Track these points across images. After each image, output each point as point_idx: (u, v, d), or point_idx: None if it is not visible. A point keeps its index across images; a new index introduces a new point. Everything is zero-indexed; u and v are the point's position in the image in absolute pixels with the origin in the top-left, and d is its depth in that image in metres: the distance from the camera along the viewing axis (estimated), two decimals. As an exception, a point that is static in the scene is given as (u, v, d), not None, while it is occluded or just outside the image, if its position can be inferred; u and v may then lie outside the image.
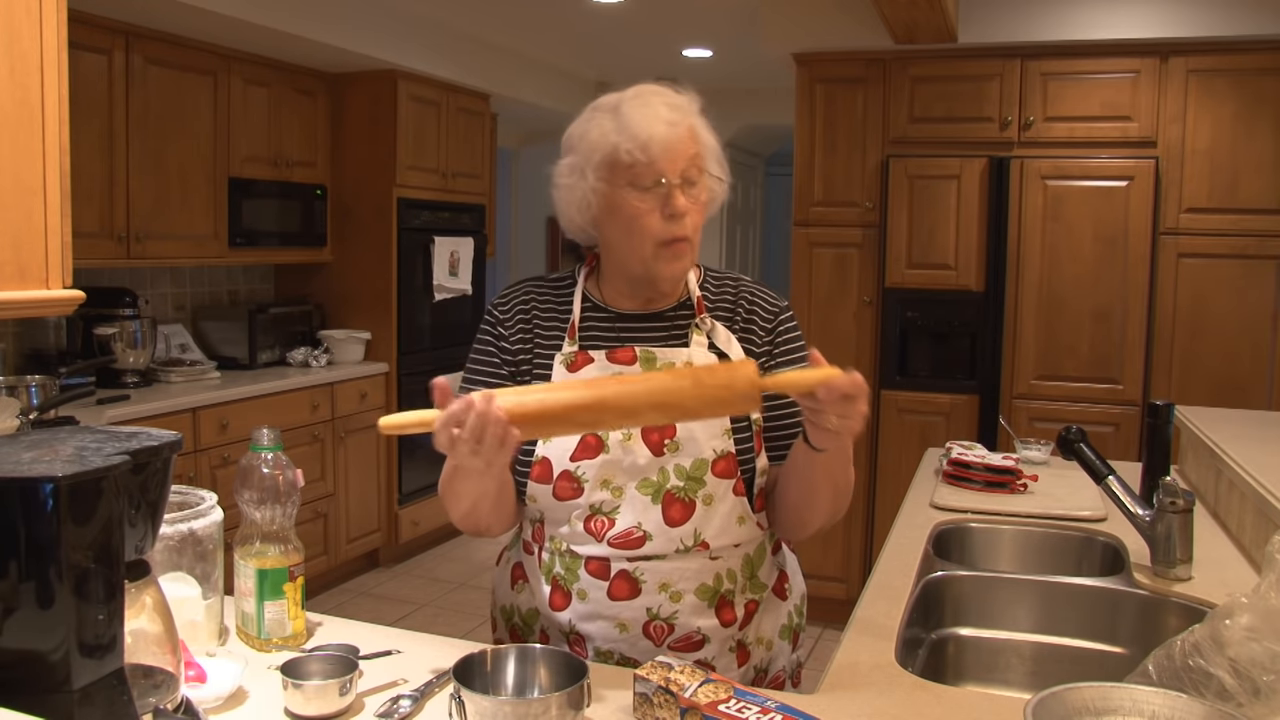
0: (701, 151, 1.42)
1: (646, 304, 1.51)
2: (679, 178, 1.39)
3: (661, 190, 1.38)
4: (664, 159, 1.37)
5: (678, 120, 1.39)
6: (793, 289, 4.34)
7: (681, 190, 1.39)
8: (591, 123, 1.42)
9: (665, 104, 1.40)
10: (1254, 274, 3.82)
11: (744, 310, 1.52)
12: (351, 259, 4.98)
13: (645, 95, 1.42)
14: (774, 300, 1.56)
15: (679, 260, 1.43)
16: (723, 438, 1.43)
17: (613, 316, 1.51)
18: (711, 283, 1.55)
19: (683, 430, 1.42)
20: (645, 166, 1.37)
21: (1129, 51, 3.89)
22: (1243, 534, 2.02)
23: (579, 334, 1.49)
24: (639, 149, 1.36)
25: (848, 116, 4.23)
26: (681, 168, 1.39)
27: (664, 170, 1.38)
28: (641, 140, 1.36)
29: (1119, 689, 1.14)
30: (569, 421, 1.25)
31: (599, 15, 4.91)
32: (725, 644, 1.46)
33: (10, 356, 3.71)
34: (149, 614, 1.14)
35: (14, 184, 1.25)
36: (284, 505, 1.44)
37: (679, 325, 1.50)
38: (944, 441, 2.88)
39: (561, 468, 1.43)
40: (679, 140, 1.38)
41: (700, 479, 1.42)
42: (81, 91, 3.52)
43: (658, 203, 1.39)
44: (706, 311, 1.51)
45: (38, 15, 1.27)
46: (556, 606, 1.46)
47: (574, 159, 1.43)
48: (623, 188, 1.39)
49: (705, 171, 1.43)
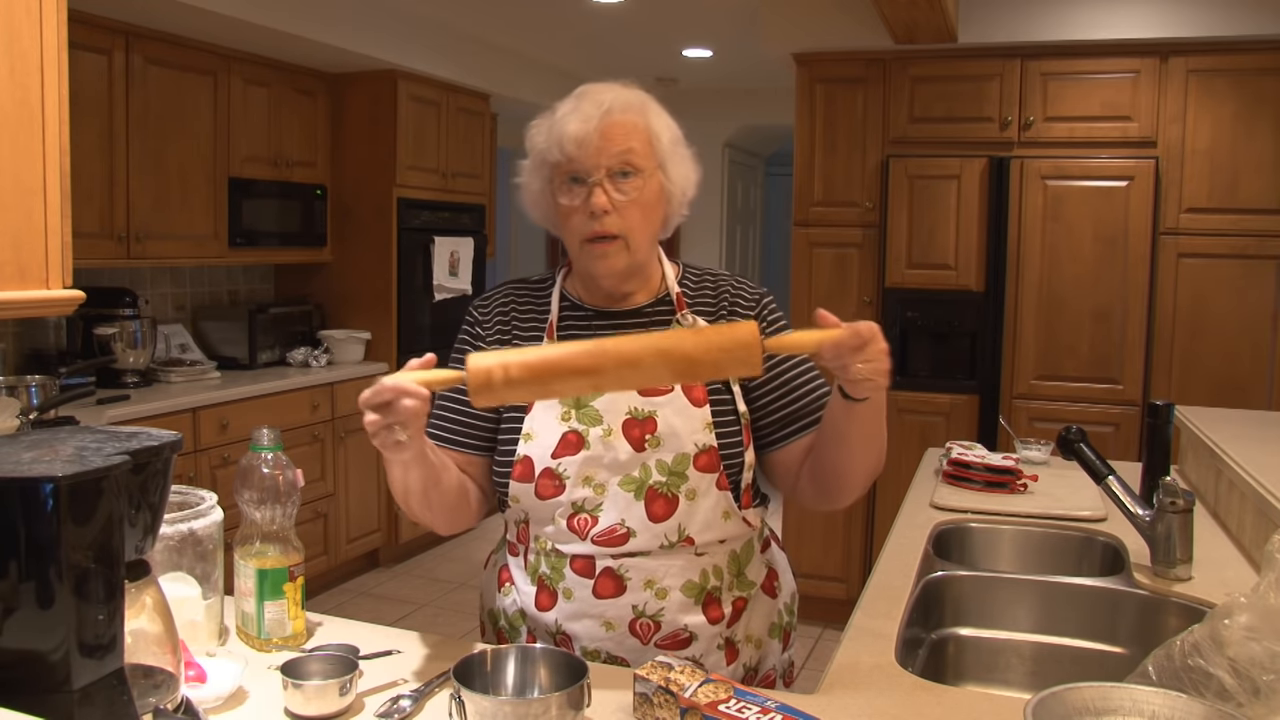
0: (642, 146, 1.41)
1: (620, 300, 1.52)
2: (602, 173, 1.39)
3: (584, 188, 1.40)
4: (581, 155, 1.39)
5: (597, 114, 1.39)
6: (793, 289, 4.34)
7: (607, 186, 1.39)
8: (536, 125, 1.46)
9: (592, 101, 1.41)
10: (1254, 274, 3.82)
11: (726, 303, 1.53)
12: (351, 259, 4.99)
13: (581, 93, 1.44)
14: (753, 289, 1.56)
15: (605, 259, 1.43)
16: (704, 432, 1.43)
17: (590, 314, 1.52)
18: (691, 279, 1.56)
19: (664, 425, 1.42)
20: (566, 164, 1.40)
21: (1129, 51, 3.89)
22: (1243, 534, 2.02)
23: (556, 333, 1.51)
24: (557, 147, 1.40)
25: (848, 116, 4.23)
26: (607, 163, 1.39)
27: (583, 167, 1.39)
28: (558, 138, 1.40)
29: (1119, 689, 1.14)
30: (570, 370, 1.20)
31: (599, 15, 4.91)
32: (713, 642, 1.46)
33: (10, 356, 3.71)
34: (149, 614, 1.14)
35: (14, 184, 1.25)
36: (284, 505, 1.44)
37: (657, 321, 1.50)
38: (944, 441, 2.88)
39: (543, 465, 1.43)
40: (600, 135, 1.38)
41: (682, 474, 1.42)
42: (81, 91, 3.52)
43: (582, 200, 1.41)
44: (687, 307, 1.51)
45: (38, 15, 1.27)
46: (543, 606, 1.46)
47: (527, 160, 1.49)
48: (555, 185, 1.44)
49: (643, 168, 1.41)
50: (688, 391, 1.44)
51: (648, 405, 1.43)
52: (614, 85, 1.45)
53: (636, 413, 1.43)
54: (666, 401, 1.43)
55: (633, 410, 1.43)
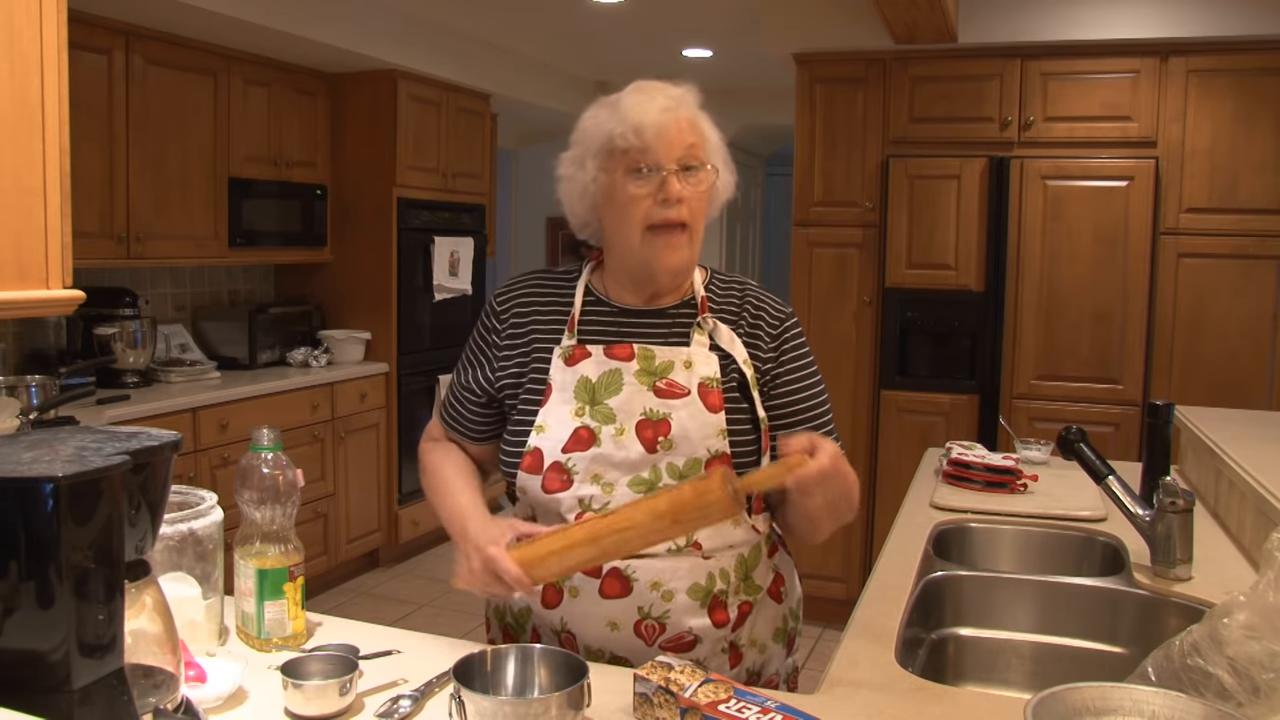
0: (701, 143, 1.43)
1: (650, 300, 1.50)
2: (675, 164, 1.40)
3: (657, 176, 1.40)
4: (659, 144, 1.39)
5: (672, 107, 1.40)
6: (793, 289, 4.34)
7: (678, 177, 1.40)
8: (591, 116, 1.46)
9: (662, 94, 1.42)
10: (1254, 274, 3.82)
11: (750, 314, 1.51)
12: (351, 259, 4.98)
13: (643, 87, 1.44)
14: (779, 306, 1.54)
15: (673, 250, 1.43)
16: (718, 438, 1.42)
17: (614, 311, 1.51)
18: (718, 284, 1.54)
19: (677, 428, 1.41)
20: (640, 152, 1.39)
21: (1129, 51, 3.89)
22: (1243, 534, 2.02)
23: (578, 328, 1.49)
24: (633, 133, 1.38)
25: (848, 116, 4.23)
26: (678, 154, 1.40)
27: (659, 155, 1.39)
28: (635, 125, 1.38)
29: (1119, 689, 1.14)
30: (576, 546, 1.31)
31: (599, 15, 4.91)
32: (717, 645, 1.45)
33: (10, 356, 3.71)
34: (149, 614, 1.14)
35: (14, 184, 1.25)
36: (284, 505, 1.44)
37: (681, 323, 1.49)
38: (944, 441, 2.88)
39: (552, 459, 1.43)
40: (675, 126, 1.40)
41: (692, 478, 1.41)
42: (81, 91, 3.52)
43: (653, 189, 1.40)
44: (710, 312, 1.50)
45: (38, 15, 1.27)
46: (548, 604, 1.46)
47: (575, 151, 1.47)
48: (619, 174, 1.42)
49: (706, 164, 1.43)
50: (704, 396, 1.43)
51: (663, 407, 1.42)
52: (667, 84, 1.45)
53: (651, 414, 1.42)
54: (682, 405, 1.42)
55: (648, 411, 1.42)
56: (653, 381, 1.44)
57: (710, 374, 1.44)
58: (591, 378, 1.45)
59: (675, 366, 1.44)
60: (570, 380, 1.45)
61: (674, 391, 1.43)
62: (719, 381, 1.44)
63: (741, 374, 1.47)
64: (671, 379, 1.44)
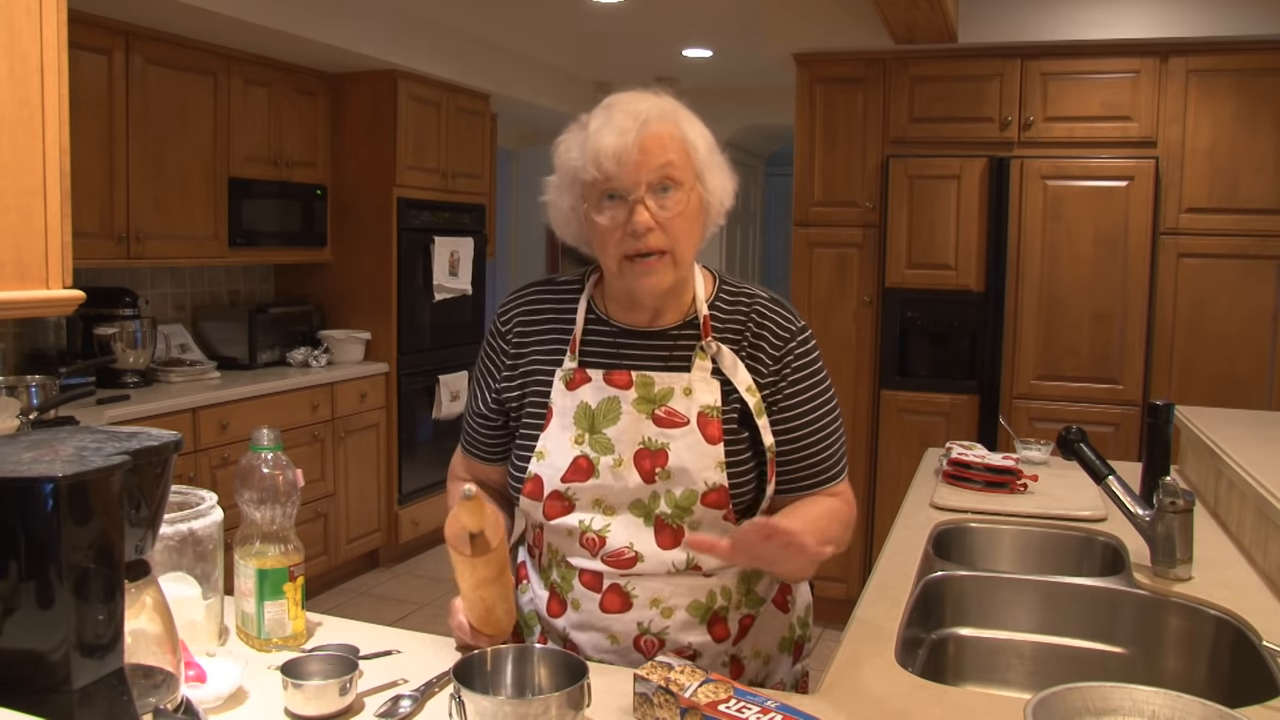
0: (679, 158, 1.34)
1: (651, 320, 1.45)
2: (644, 188, 1.32)
3: (625, 204, 1.33)
4: (620, 171, 1.31)
5: (634, 128, 1.31)
6: (793, 289, 4.34)
7: (649, 202, 1.32)
8: (564, 142, 1.40)
9: (626, 112, 1.33)
10: (1254, 274, 3.82)
11: (753, 331, 1.44)
12: (351, 259, 4.98)
13: (612, 106, 1.36)
14: (787, 322, 1.46)
15: (650, 276, 1.35)
16: (715, 470, 1.38)
17: (615, 332, 1.46)
18: (724, 299, 1.47)
19: (675, 459, 1.38)
20: (603, 183, 1.33)
21: (1129, 51, 3.88)
22: (1243, 534, 2.02)
23: (580, 349, 1.46)
24: (593, 165, 1.32)
25: (848, 116, 4.23)
26: (648, 177, 1.32)
27: (623, 182, 1.32)
28: (593, 155, 1.32)
29: (1119, 689, 1.14)
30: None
31: (599, 15, 4.91)
32: (718, 659, 1.45)
33: (10, 356, 3.71)
34: (149, 614, 1.14)
35: (14, 184, 1.25)
36: (284, 505, 1.44)
37: (683, 346, 1.44)
38: (944, 441, 2.88)
39: (552, 488, 1.42)
40: (638, 149, 1.31)
41: (689, 509, 1.39)
42: (81, 92, 3.52)
43: (624, 218, 1.33)
44: (713, 334, 1.43)
45: (38, 15, 1.27)
46: (553, 613, 1.46)
47: (555, 178, 1.42)
48: (591, 203, 1.36)
49: (683, 182, 1.35)
50: (703, 426, 1.39)
51: (661, 436, 1.39)
52: (644, 94, 1.37)
53: (650, 443, 1.39)
54: (681, 435, 1.39)
55: (646, 440, 1.39)
56: (651, 409, 1.40)
57: (710, 402, 1.40)
58: (591, 404, 1.42)
59: (675, 394, 1.40)
60: (570, 405, 1.43)
61: (673, 420, 1.39)
62: (719, 410, 1.40)
63: (743, 402, 1.42)
64: (671, 406, 1.40)
